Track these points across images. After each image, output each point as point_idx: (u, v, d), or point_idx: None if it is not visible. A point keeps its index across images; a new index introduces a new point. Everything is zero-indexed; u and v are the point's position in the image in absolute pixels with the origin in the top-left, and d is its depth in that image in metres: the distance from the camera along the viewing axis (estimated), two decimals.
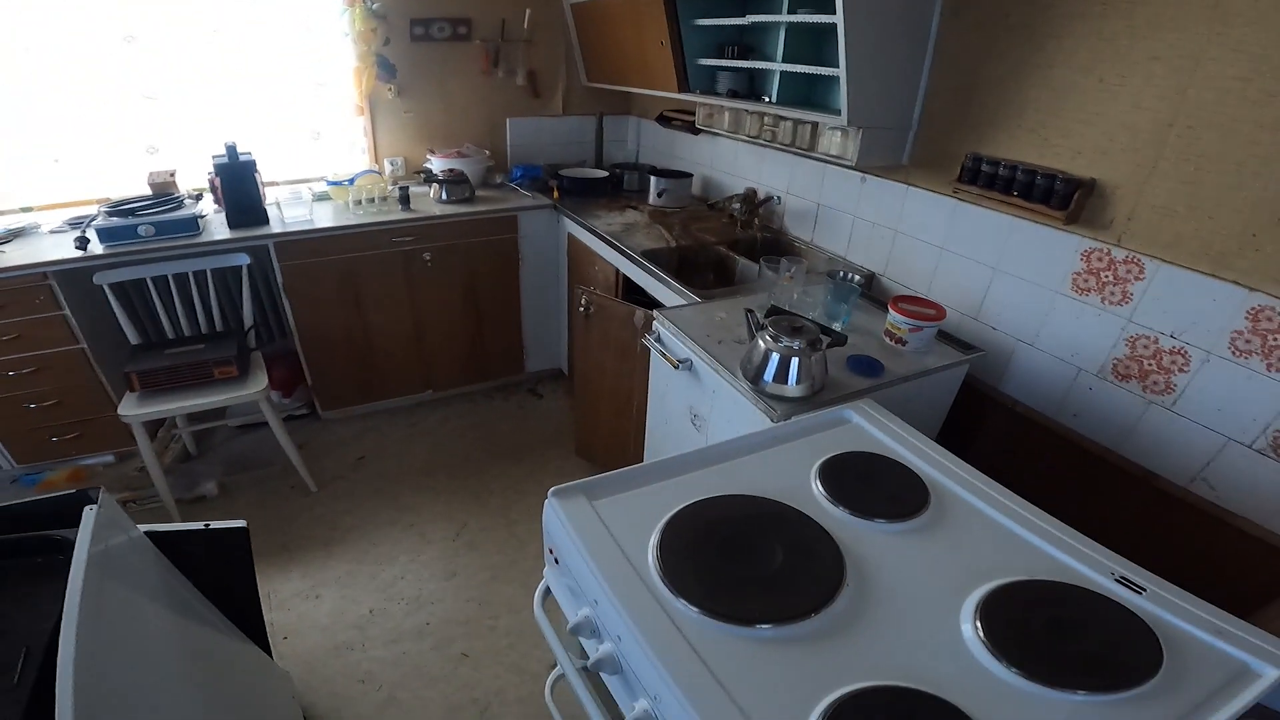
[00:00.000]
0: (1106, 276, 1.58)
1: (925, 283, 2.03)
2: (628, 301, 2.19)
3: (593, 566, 0.96)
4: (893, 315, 1.71)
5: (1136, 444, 1.59)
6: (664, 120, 3.08)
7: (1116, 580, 0.98)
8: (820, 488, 1.15)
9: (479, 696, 1.85)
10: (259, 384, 2.30)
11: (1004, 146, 1.76)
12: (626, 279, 2.44)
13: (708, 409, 1.71)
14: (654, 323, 1.86)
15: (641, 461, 2.22)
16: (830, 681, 0.82)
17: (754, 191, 2.61)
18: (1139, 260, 1.50)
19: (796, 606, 0.91)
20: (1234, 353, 1.37)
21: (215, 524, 1.43)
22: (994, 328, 1.85)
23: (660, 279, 2.19)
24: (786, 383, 1.45)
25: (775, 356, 1.45)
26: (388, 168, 3.13)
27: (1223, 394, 1.41)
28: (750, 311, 1.60)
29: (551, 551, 1.09)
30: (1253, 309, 1.33)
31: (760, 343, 1.48)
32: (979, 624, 0.90)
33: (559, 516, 1.04)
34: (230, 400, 2.24)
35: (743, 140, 2.49)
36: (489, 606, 2.14)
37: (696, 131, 2.87)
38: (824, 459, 1.22)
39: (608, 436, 2.49)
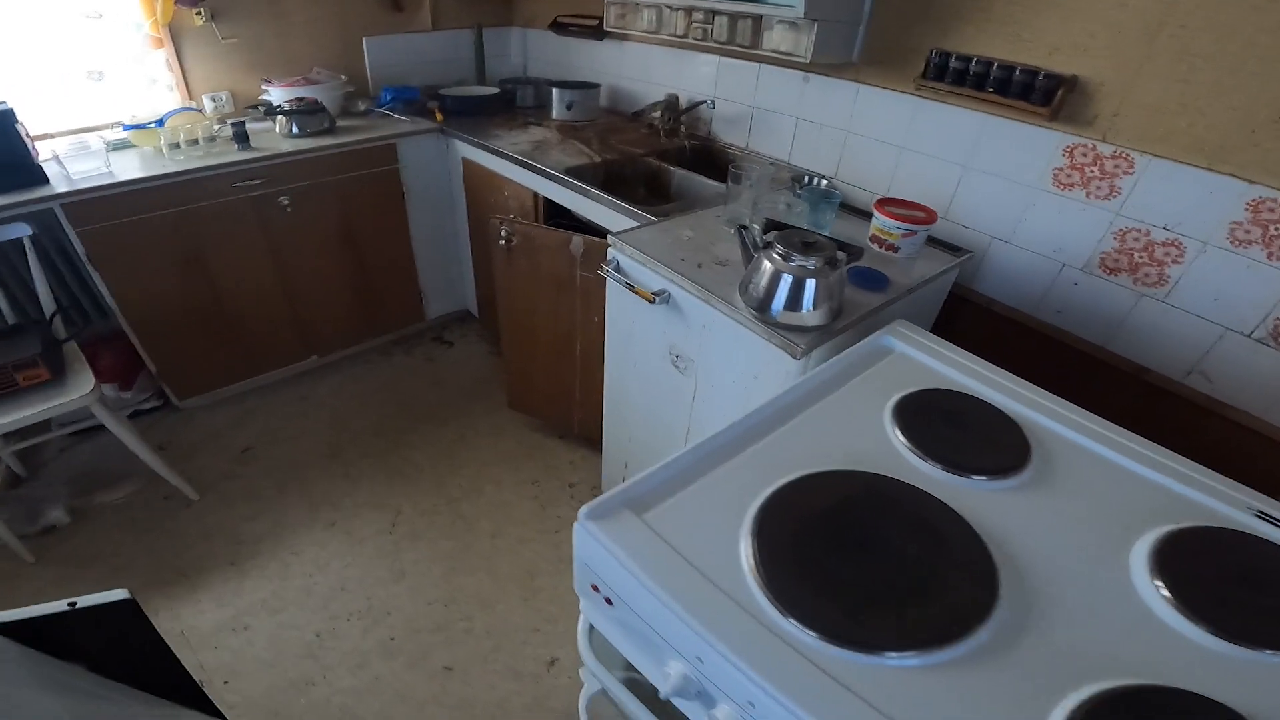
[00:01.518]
0: (1092, 171, 1.44)
1: (883, 184, 1.82)
2: (556, 228, 1.80)
3: (683, 613, 0.65)
4: (881, 219, 1.48)
5: (1127, 339, 1.50)
6: (559, 27, 2.58)
7: (1256, 515, 0.83)
8: (904, 442, 0.91)
9: (480, 713, 1.52)
10: (84, 384, 1.67)
11: (970, 41, 1.54)
12: (548, 203, 2.02)
13: (695, 348, 1.41)
14: (609, 250, 1.50)
15: (599, 413, 1.96)
16: (1043, 699, 0.60)
17: (676, 98, 2.24)
18: (1127, 155, 1.39)
19: (963, 611, 0.67)
20: (1233, 243, 1.29)
21: (86, 600, 0.95)
22: (966, 225, 1.68)
23: (594, 197, 1.81)
24: (801, 309, 1.18)
25: (787, 279, 1.17)
26: (209, 105, 2.39)
27: (1220, 284, 1.33)
28: (743, 227, 1.30)
29: (597, 589, 0.77)
30: (1253, 200, 1.25)
31: (766, 263, 1.19)
32: (1161, 588, 0.71)
33: (607, 545, 0.72)
34: (50, 411, 1.61)
35: (664, 42, 2.10)
36: (457, 606, 1.78)
37: (602, 37, 2.42)
38: (891, 404, 0.98)
39: (547, 384, 2.13)
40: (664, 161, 2.11)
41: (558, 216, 2.01)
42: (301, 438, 2.33)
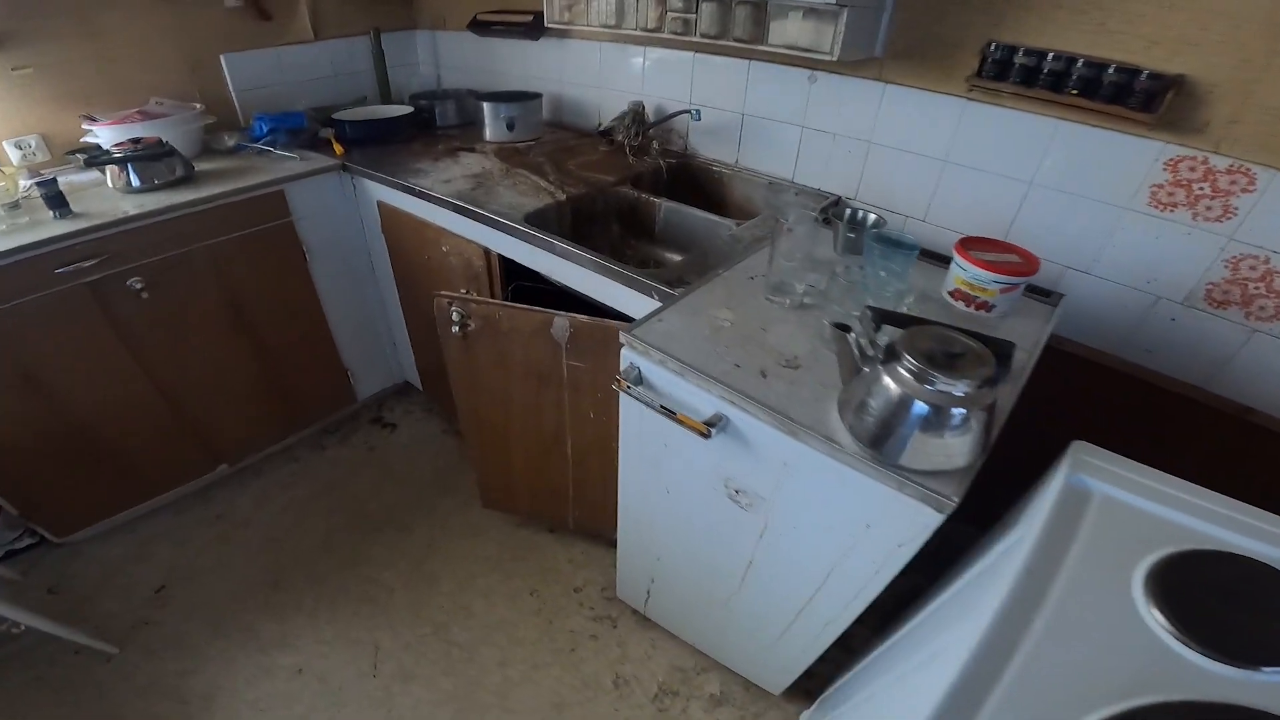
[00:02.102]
0: (1201, 189, 1.16)
1: (920, 206, 1.49)
2: (522, 303, 1.36)
3: None
4: (969, 269, 1.15)
5: (1232, 378, 1.26)
6: (480, 27, 2.06)
7: None
8: (1187, 645, 0.59)
9: None
10: None
11: (1034, 32, 1.22)
12: (505, 258, 1.56)
13: (767, 485, 1.02)
14: (625, 353, 1.10)
15: (602, 510, 1.59)
16: None
17: (642, 107, 1.81)
18: (1247, 170, 1.12)
19: None
20: None
21: None
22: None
23: (573, 257, 1.36)
24: (944, 444, 0.83)
25: (922, 409, 0.81)
26: (13, 154, 1.74)
27: None
28: (841, 326, 0.92)
29: None
30: None
31: (890, 384, 0.83)
32: None
33: None
34: None
35: (625, 38, 1.67)
36: None
37: (539, 35, 1.94)
38: (1141, 588, 0.65)
39: (531, 482, 1.70)
40: (641, 190, 1.68)
41: (521, 276, 1.56)
42: (227, 567, 1.81)
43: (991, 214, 1.40)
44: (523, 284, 1.52)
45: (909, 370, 0.81)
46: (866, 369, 0.87)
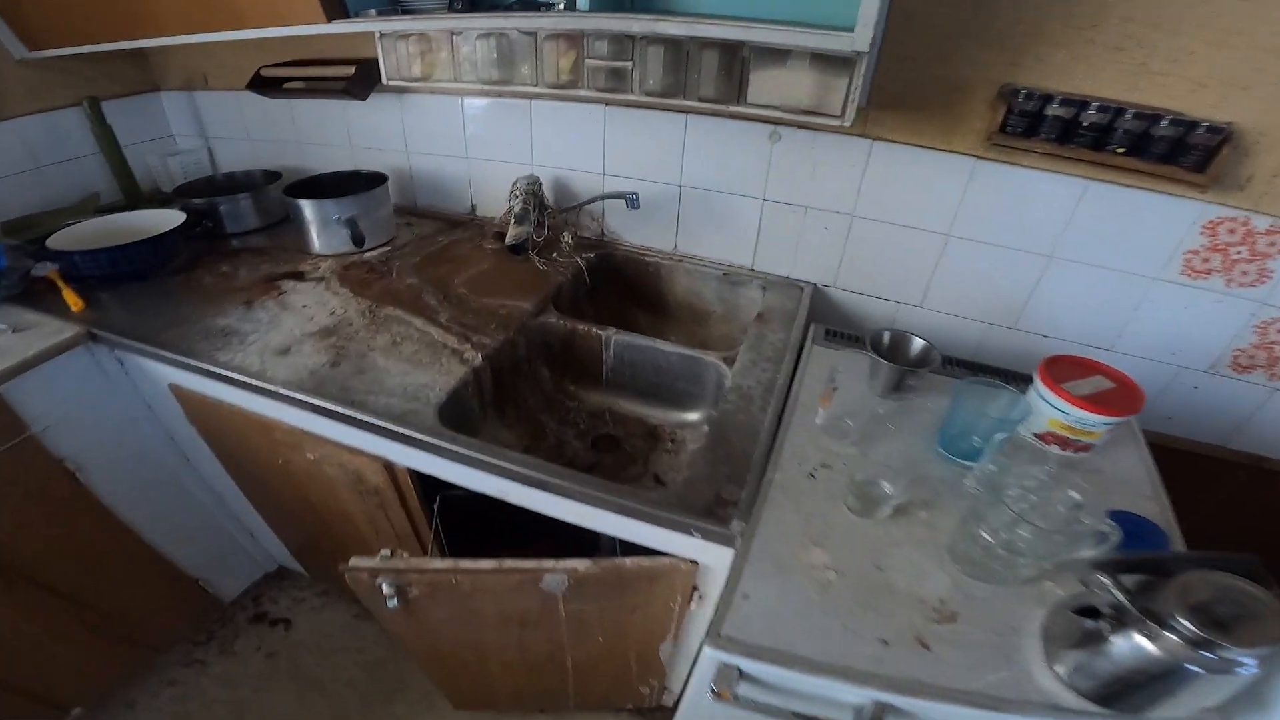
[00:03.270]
0: (1239, 252, 1.03)
1: (915, 289, 1.23)
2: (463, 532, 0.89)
3: None
4: (1069, 410, 0.90)
5: (1250, 435, 1.19)
6: (267, 86, 1.41)
7: None
8: None
9: None
10: None
11: (1063, 73, 0.97)
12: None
13: None
14: (717, 653, 0.70)
15: (611, 682, 1.14)
16: None
17: (536, 184, 1.32)
18: None
19: None
20: None
21: None
22: (1046, 335, 1.20)
23: (565, 490, 0.88)
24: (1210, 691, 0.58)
25: (1196, 671, 0.56)
26: None
27: None
28: (1088, 612, 0.62)
29: None
30: None
31: (1145, 644, 0.56)
32: None
33: None
34: None
35: (510, 95, 1.19)
36: None
37: (367, 94, 1.34)
38: None
39: (512, 676, 1.23)
40: (570, 314, 1.22)
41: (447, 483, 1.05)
42: None
43: (1000, 296, 1.18)
44: (452, 494, 1.02)
45: (1183, 636, 0.54)
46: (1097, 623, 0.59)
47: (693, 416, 1.18)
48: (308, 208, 1.29)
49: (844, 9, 0.85)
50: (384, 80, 1.19)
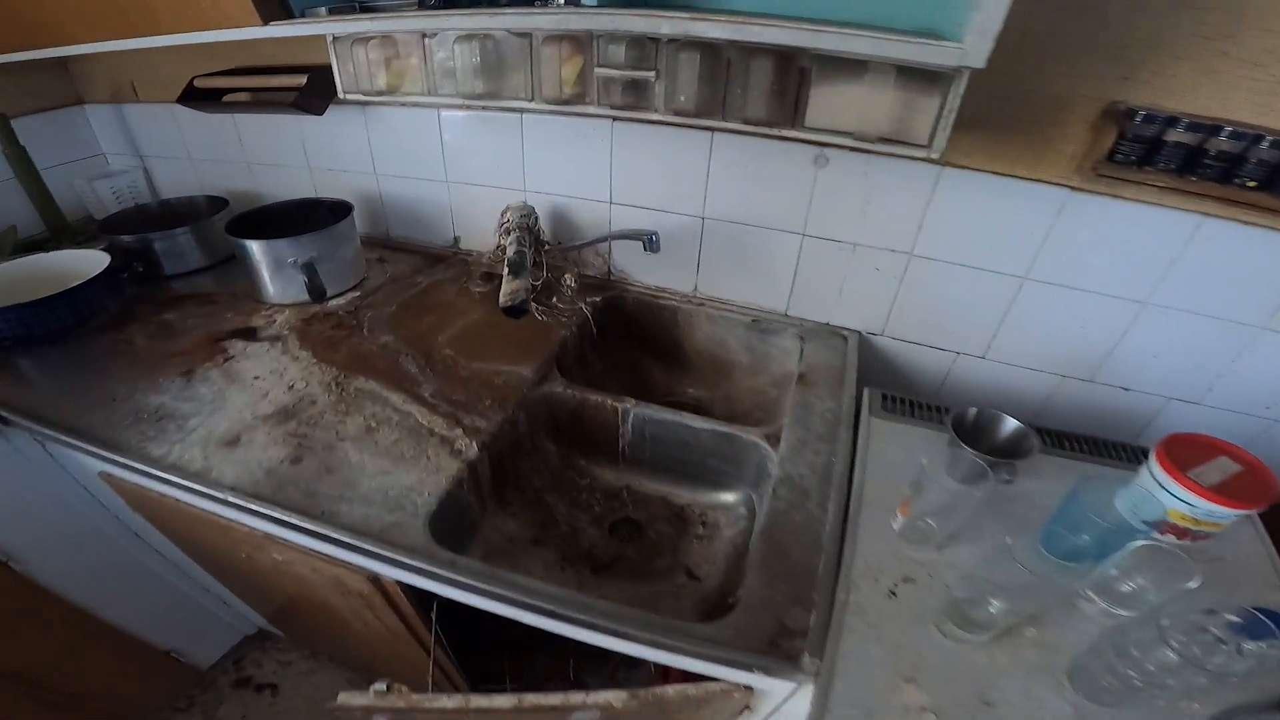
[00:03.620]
0: None
1: (979, 339, 1.06)
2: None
3: None
4: (1200, 505, 0.74)
5: None
6: (204, 98, 1.17)
7: None
8: None
9: None
10: None
11: (1186, 91, 0.79)
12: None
13: None
14: None
15: None
16: None
17: (531, 216, 1.10)
18: None
19: None
20: None
21: None
22: (1125, 389, 1.03)
23: (592, 622, 0.70)
24: None
25: None
26: None
27: None
28: None
29: None
30: None
31: None
32: None
33: None
34: None
35: (499, 110, 0.98)
36: None
37: (324, 108, 1.11)
38: None
39: None
40: (580, 384, 1.02)
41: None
42: None
43: (1081, 346, 1.01)
44: (453, 602, 0.82)
45: None
46: None
47: (728, 497, 1.00)
48: (257, 249, 1.06)
49: (931, 11, 0.67)
50: (340, 94, 0.97)
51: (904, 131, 0.74)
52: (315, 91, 1.10)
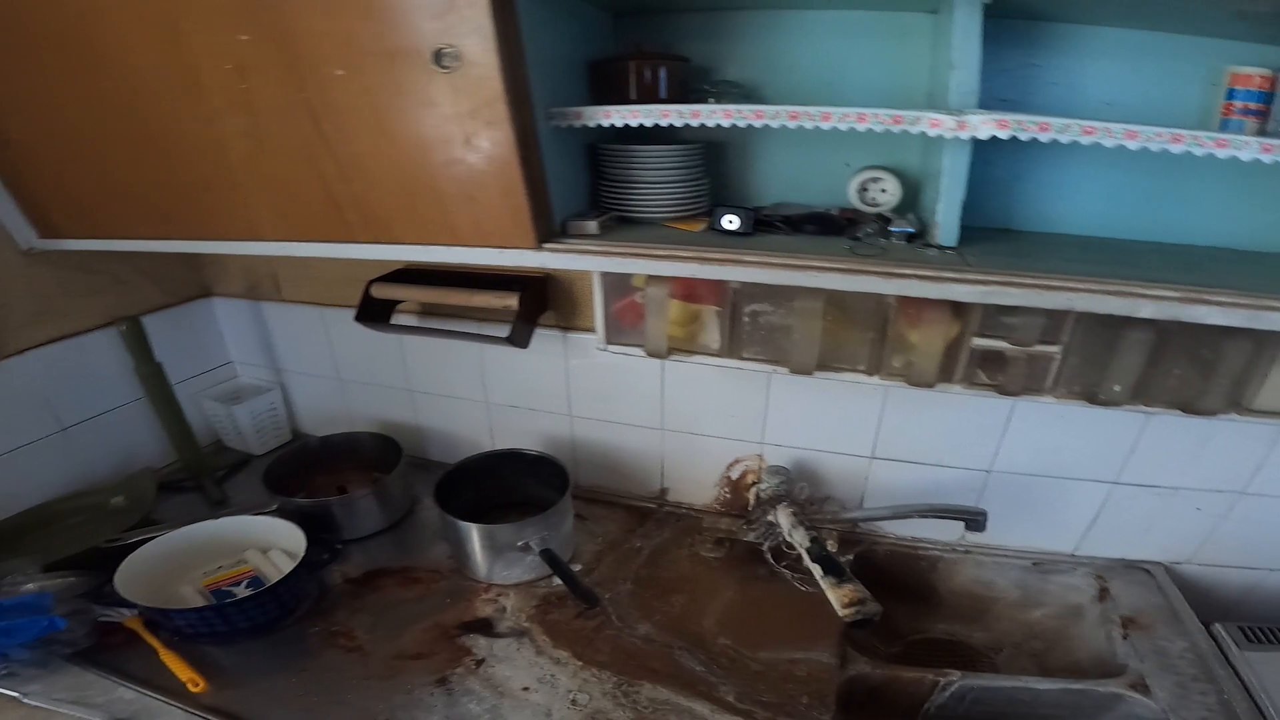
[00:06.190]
0: None
1: None
2: None
3: None
4: None
5: None
6: (372, 311, 1.03)
7: None
8: None
9: None
10: None
11: None
12: None
13: None
14: None
15: None
16: None
17: (787, 478, 0.96)
18: None
19: None
20: None
21: None
22: None
23: None
24: None
25: None
26: None
27: None
28: None
29: None
30: None
31: None
32: None
33: None
34: None
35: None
36: None
37: (526, 341, 0.96)
38: None
39: None
40: (893, 663, 0.85)
41: None
42: None
43: None
44: None
45: None
46: None
47: None
48: (478, 534, 0.90)
49: None
50: (602, 345, 0.82)
51: None
52: (526, 315, 0.94)
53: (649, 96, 0.74)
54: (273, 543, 0.99)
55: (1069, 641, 0.97)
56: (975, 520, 0.86)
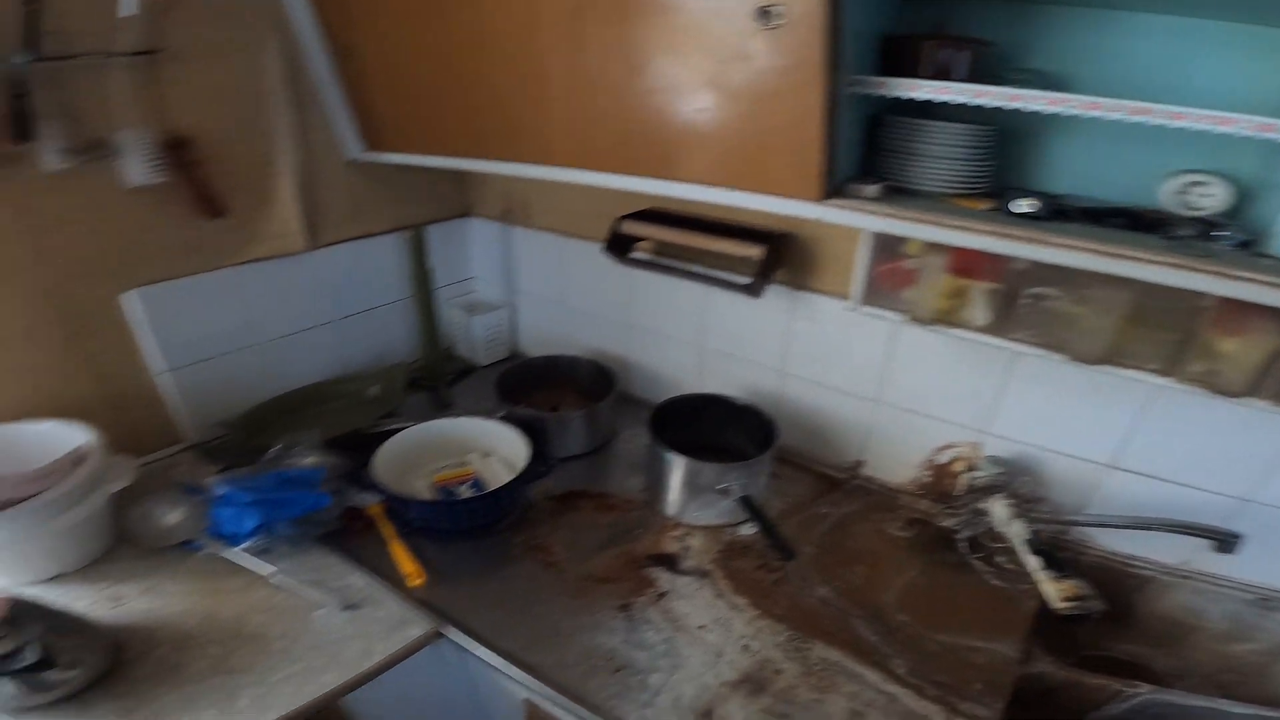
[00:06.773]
0: None
1: None
2: None
3: None
4: None
5: None
6: (621, 246, 1.13)
7: None
8: None
9: None
10: None
11: None
12: None
13: None
14: None
15: None
16: None
17: (1005, 470, 0.95)
18: None
19: None
20: None
21: None
22: None
23: None
24: None
25: None
26: None
27: None
28: None
29: None
30: None
31: None
32: None
33: None
34: None
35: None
36: None
37: (763, 290, 1.01)
38: None
39: None
40: (1079, 668, 0.82)
41: None
42: None
43: None
44: None
45: None
46: None
47: None
48: (681, 466, 0.97)
49: None
50: (853, 304, 0.85)
51: None
52: (767, 268, 0.99)
53: (943, 75, 0.74)
54: (494, 448, 1.11)
55: (1270, 678, 0.89)
56: (1227, 542, 0.80)
